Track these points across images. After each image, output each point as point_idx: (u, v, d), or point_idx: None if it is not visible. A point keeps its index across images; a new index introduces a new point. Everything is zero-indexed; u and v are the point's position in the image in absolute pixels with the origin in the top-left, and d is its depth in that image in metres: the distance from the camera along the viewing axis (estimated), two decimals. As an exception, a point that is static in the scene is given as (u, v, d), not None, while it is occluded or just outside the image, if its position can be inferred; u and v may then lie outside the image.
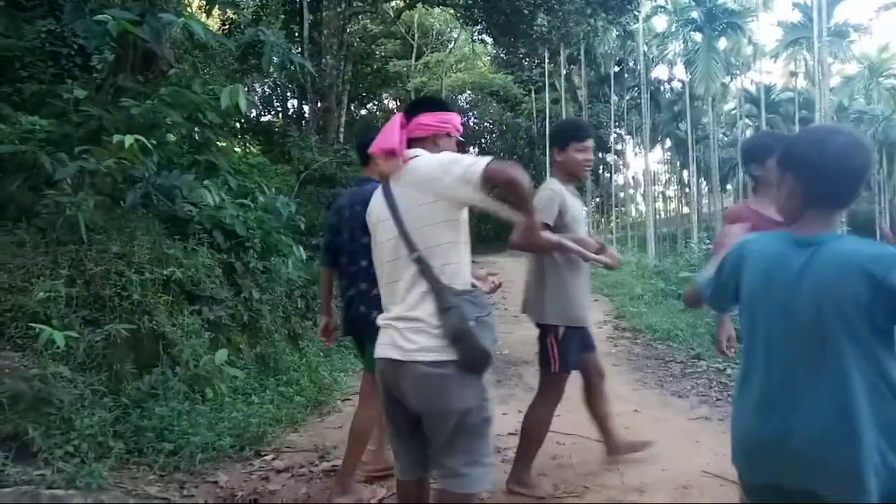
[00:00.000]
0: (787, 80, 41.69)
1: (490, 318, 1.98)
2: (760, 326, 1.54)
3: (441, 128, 2.16)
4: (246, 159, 7.97)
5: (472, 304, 1.94)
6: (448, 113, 2.22)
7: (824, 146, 1.48)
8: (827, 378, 1.42)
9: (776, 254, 1.54)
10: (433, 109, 2.21)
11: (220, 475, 3.40)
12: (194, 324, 4.29)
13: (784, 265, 1.51)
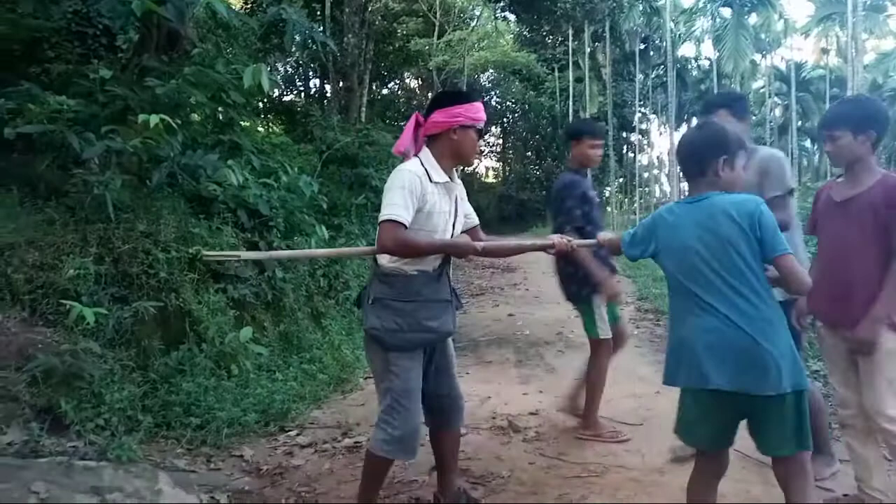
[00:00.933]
0: (818, 56, 40.51)
1: (398, 303, 2.30)
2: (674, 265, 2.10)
3: (451, 122, 2.34)
4: (269, 139, 8.01)
5: (383, 286, 2.33)
6: (459, 106, 2.35)
7: (682, 139, 2.24)
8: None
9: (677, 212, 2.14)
10: (444, 105, 2.38)
11: (245, 449, 3.48)
12: (219, 301, 4.36)
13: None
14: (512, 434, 3.73)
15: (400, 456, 2.40)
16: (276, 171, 5.74)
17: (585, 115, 32.02)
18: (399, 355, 2.34)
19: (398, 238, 2.21)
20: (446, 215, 2.38)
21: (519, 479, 3.10)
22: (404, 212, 2.21)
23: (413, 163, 2.36)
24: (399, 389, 2.33)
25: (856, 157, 2.40)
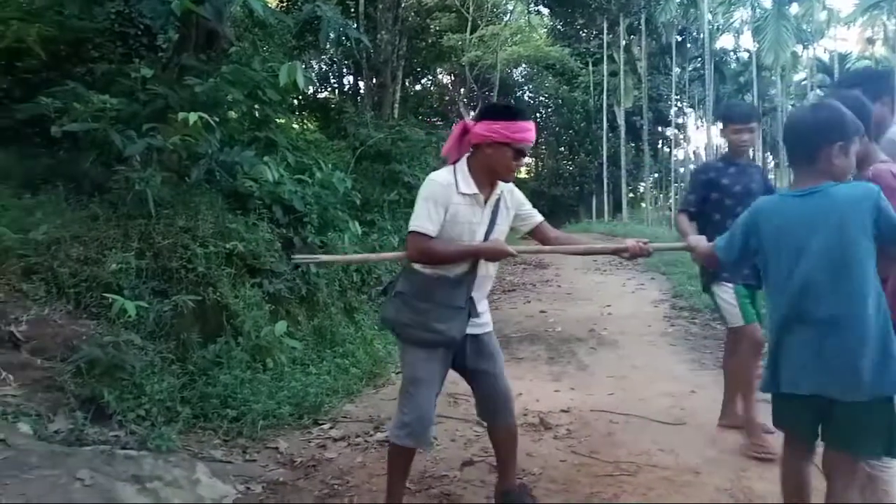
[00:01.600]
0: (863, 47, 39.16)
1: (415, 301, 2.38)
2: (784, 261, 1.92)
3: (488, 137, 2.33)
4: (303, 135, 8.11)
5: (407, 283, 2.45)
6: (500, 122, 2.33)
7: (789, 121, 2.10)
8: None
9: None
10: (487, 118, 2.38)
11: (280, 441, 3.54)
12: (255, 296, 4.44)
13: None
14: (543, 431, 3.72)
15: (408, 442, 2.47)
16: (310, 168, 5.81)
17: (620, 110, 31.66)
18: (410, 347, 2.47)
19: (421, 248, 2.34)
20: (472, 226, 2.41)
21: (550, 476, 3.09)
22: (428, 223, 2.31)
23: (444, 172, 2.43)
24: (408, 377, 2.48)
25: None
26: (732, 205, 3.31)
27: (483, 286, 2.54)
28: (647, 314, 7.54)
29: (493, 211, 2.48)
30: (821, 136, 1.89)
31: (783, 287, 1.92)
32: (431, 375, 2.46)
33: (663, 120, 37.56)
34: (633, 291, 9.40)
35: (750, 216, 2.04)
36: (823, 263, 1.84)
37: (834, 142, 1.87)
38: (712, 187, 3.43)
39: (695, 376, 4.84)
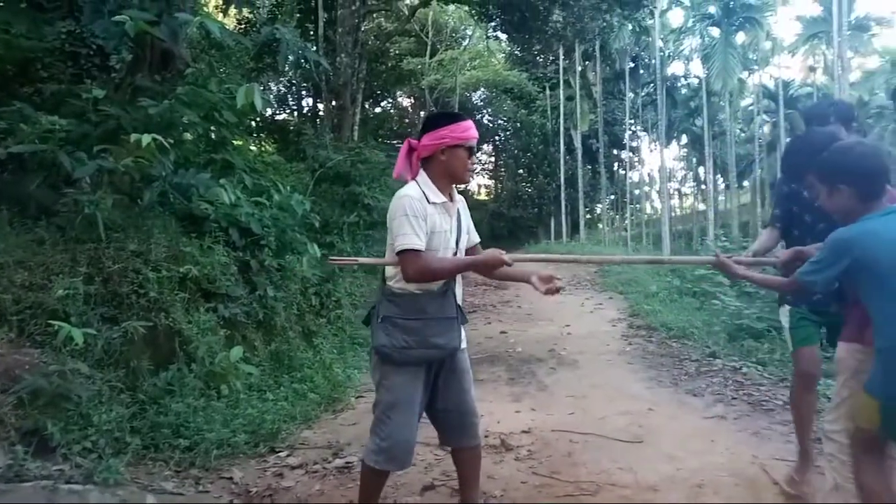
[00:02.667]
0: (805, 74, 41.12)
1: (406, 321, 2.38)
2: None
3: (438, 144, 2.41)
4: (261, 157, 8.02)
5: (391, 306, 2.42)
6: (444, 128, 2.42)
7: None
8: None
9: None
10: (430, 129, 2.44)
11: (234, 471, 3.44)
12: (210, 321, 4.33)
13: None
14: (504, 452, 3.71)
15: (386, 467, 2.46)
16: (268, 190, 5.75)
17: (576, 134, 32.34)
18: (393, 370, 2.43)
19: (419, 268, 2.32)
20: (447, 234, 2.45)
21: (511, 498, 3.08)
22: (416, 238, 2.31)
23: (410, 187, 2.44)
24: (388, 402, 2.44)
25: None
26: (803, 213, 3.02)
27: (459, 295, 2.58)
28: (605, 333, 7.64)
29: (458, 219, 2.54)
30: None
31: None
32: (412, 398, 2.45)
33: (618, 143, 38.51)
34: (591, 311, 9.52)
35: (845, 243, 2.08)
36: None
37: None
38: (792, 199, 3.10)
39: (652, 394, 4.91)
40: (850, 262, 2.07)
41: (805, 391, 3.04)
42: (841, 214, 2.17)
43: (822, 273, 2.14)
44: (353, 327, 6.78)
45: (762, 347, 5.93)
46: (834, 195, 2.15)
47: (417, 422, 2.50)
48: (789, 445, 3.62)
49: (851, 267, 2.07)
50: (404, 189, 2.44)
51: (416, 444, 2.52)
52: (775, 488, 3.06)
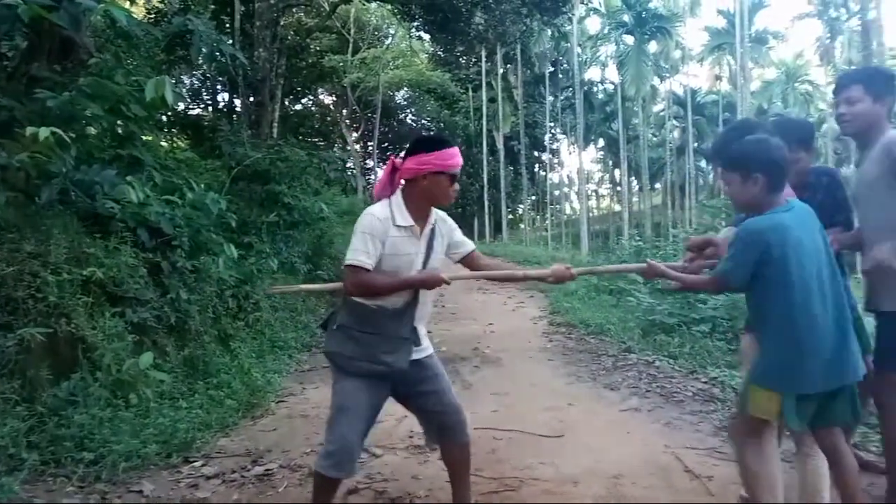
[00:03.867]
0: (711, 83, 43.58)
1: (360, 333, 2.39)
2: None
3: (420, 170, 2.41)
4: (173, 154, 7.65)
5: (348, 315, 2.44)
6: (429, 154, 2.41)
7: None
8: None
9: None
10: (416, 152, 2.43)
11: (145, 484, 3.26)
12: (117, 326, 4.09)
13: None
14: (429, 453, 3.70)
15: (331, 472, 2.42)
16: (180, 188, 5.49)
17: (499, 135, 32.88)
18: (344, 375, 2.45)
19: (357, 281, 2.36)
20: (411, 257, 2.45)
21: (436, 498, 3.07)
22: (364, 256, 2.34)
23: (380, 206, 2.45)
24: (336, 406, 2.45)
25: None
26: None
27: (424, 315, 2.58)
28: (527, 331, 7.79)
29: (429, 241, 2.53)
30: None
31: (812, 285, 2.09)
32: (361, 404, 2.43)
33: (539, 145, 39.49)
34: (513, 310, 9.69)
35: (758, 234, 2.13)
36: (826, 260, 2.14)
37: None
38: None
39: (572, 389, 5.04)
40: (760, 253, 2.11)
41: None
42: (749, 205, 2.22)
43: (737, 266, 2.18)
44: (273, 330, 6.59)
45: (673, 342, 6.22)
46: (748, 184, 2.18)
47: (366, 430, 2.48)
48: (698, 434, 3.81)
49: (761, 257, 2.12)
50: (373, 207, 2.46)
51: (361, 451, 2.50)
52: (687, 475, 3.20)
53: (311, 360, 6.54)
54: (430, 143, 2.49)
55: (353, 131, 29.06)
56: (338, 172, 11.97)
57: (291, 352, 6.52)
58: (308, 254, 9.50)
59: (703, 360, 5.57)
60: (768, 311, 2.18)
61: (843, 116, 2.64)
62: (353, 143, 28.26)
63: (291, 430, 4.22)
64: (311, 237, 9.84)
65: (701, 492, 2.98)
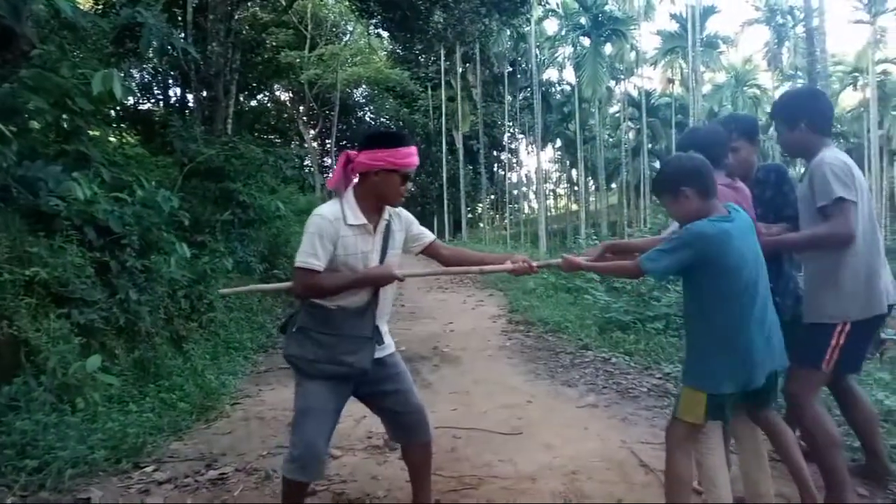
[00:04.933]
0: (665, 86, 44.60)
1: (320, 334, 2.36)
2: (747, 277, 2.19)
3: (373, 165, 2.35)
4: (122, 150, 7.40)
5: (308, 317, 2.41)
6: (383, 150, 2.35)
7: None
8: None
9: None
10: (369, 147, 2.37)
11: (93, 491, 3.14)
12: (62, 328, 3.95)
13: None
14: (388, 453, 3.68)
15: (298, 476, 2.38)
16: (130, 185, 5.32)
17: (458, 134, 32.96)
18: (307, 379, 2.41)
19: (306, 283, 2.33)
20: (365, 255, 2.41)
21: (395, 497, 3.06)
22: (314, 258, 2.30)
23: (330, 205, 2.40)
24: (300, 408, 2.41)
25: None
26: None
27: (385, 313, 2.54)
28: (486, 329, 7.83)
29: (384, 237, 2.48)
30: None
31: (751, 293, 2.20)
32: (324, 406, 2.39)
33: (498, 145, 39.78)
34: (473, 308, 9.72)
35: (699, 237, 2.18)
36: (761, 267, 2.25)
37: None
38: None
39: (530, 387, 5.08)
40: (696, 256, 2.18)
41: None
42: (689, 217, 2.28)
43: (667, 261, 2.23)
44: (228, 331, 6.45)
45: (629, 338, 6.34)
46: (681, 199, 2.27)
47: (330, 432, 2.44)
48: (653, 429, 3.89)
49: (696, 260, 2.19)
50: (323, 207, 2.40)
51: (325, 455, 2.45)
52: (642, 469, 3.26)
53: (267, 361, 6.42)
54: (386, 138, 2.42)
55: (311, 129, 28.71)
56: (295, 170, 11.81)
57: (247, 353, 6.39)
58: (264, 253, 9.34)
59: (657, 357, 5.69)
60: (703, 314, 2.26)
61: (783, 146, 2.86)
62: (310, 140, 27.92)
63: (247, 432, 4.13)
64: (268, 236, 9.67)
65: (656, 485, 3.03)
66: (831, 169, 2.54)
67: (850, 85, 40.37)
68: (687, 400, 2.27)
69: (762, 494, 2.46)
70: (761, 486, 2.46)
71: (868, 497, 2.78)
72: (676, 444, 2.31)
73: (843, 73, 39.87)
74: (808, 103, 2.80)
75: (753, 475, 2.50)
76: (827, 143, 2.72)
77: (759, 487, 2.46)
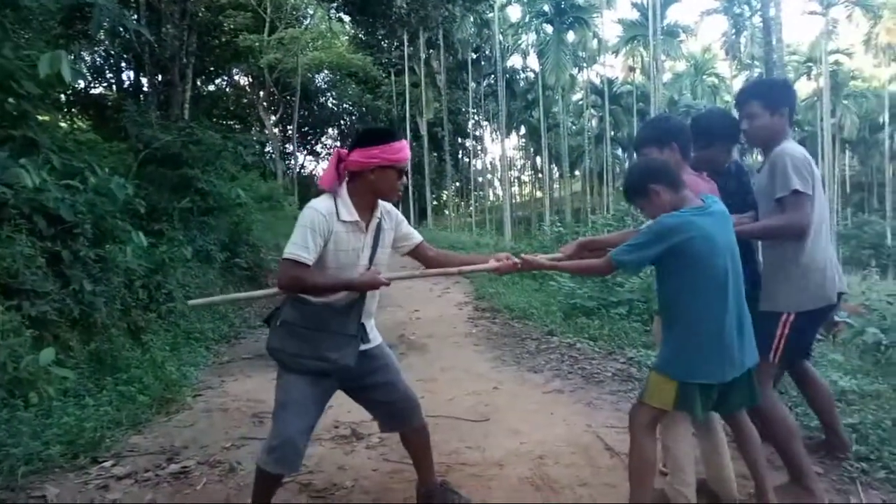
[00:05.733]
0: (626, 74, 45.09)
1: (304, 330, 2.34)
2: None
3: (367, 163, 2.34)
4: (73, 135, 7.13)
5: (293, 312, 2.38)
6: (376, 147, 2.34)
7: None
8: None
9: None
10: (363, 145, 2.36)
11: (48, 488, 3.04)
12: (12, 321, 3.80)
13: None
14: (356, 442, 3.65)
15: (275, 469, 2.36)
16: (82, 172, 5.13)
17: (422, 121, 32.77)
18: (289, 371, 2.40)
19: (293, 276, 2.29)
20: (357, 252, 2.40)
21: (363, 487, 3.03)
22: (304, 251, 2.27)
23: (323, 199, 2.37)
24: (280, 400, 2.39)
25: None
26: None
27: (371, 311, 2.54)
28: (452, 316, 7.83)
29: (375, 235, 2.47)
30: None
31: (724, 283, 2.20)
32: (304, 399, 2.36)
33: (462, 132, 39.71)
34: (439, 295, 9.72)
35: (670, 229, 2.19)
36: (736, 259, 2.24)
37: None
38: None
39: (497, 373, 5.10)
40: (668, 248, 2.21)
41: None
42: (665, 212, 2.28)
43: (638, 254, 2.25)
44: (188, 321, 6.31)
45: (593, 324, 6.42)
46: (652, 197, 2.30)
47: (310, 427, 2.41)
48: (618, 413, 3.94)
49: (668, 252, 2.22)
50: (316, 201, 2.38)
51: (305, 448, 2.40)
52: (608, 453, 3.30)
53: (230, 351, 6.30)
54: (377, 135, 2.42)
55: (272, 114, 28.14)
56: (255, 157, 11.58)
57: (209, 343, 6.26)
58: (225, 241, 9.14)
59: (621, 342, 5.77)
60: (678, 304, 2.28)
61: (747, 132, 2.85)
62: (271, 126, 27.36)
63: (210, 424, 4.05)
64: (228, 224, 9.46)
65: (621, 468, 3.07)
66: (792, 161, 2.58)
67: (804, 74, 41.52)
68: (657, 385, 2.29)
69: (724, 478, 2.51)
70: (723, 469, 2.52)
71: (823, 474, 2.87)
72: (641, 427, 2.33)
73: (798, 63, 40.95)
74: (789, 92, 2.85)
75: (714, 459, 2.55)
76: (789, 134, 2.78)
77: (722, 471, 2.52)
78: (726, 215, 2.32)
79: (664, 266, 2.29)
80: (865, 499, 2.62)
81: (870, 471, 2.86)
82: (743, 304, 2.28)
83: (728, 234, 2.28)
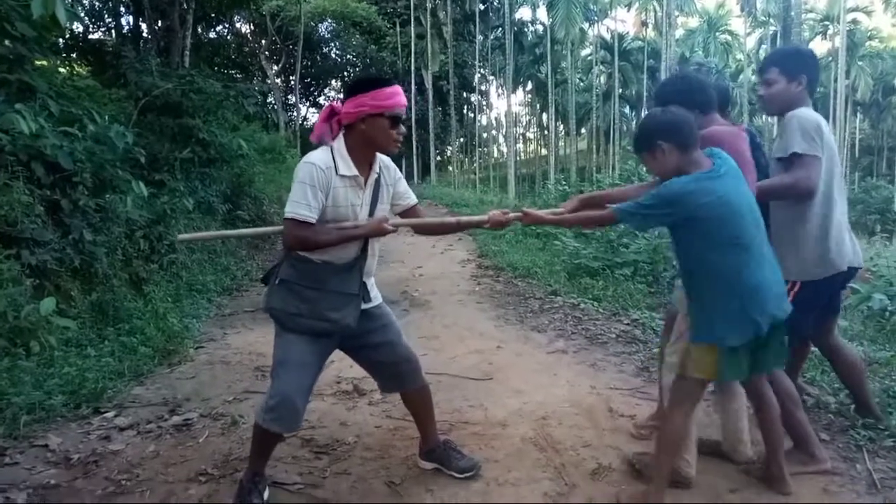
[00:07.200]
0: (638, 29, 44.03)
1: (303, 288, 2.29)
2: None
3: (357, 113, 2.24)
4: (72, 81, 6.96)
5: (292, 270, 2.32)
6: (363, 94, 2.23)
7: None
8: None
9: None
10: (351, 94, 2.27)
11: (50, 437, 3.04)
12: (12, 269, 3.76)
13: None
14: (358, 398, 3.64)
15: (273, 426, 2.33)
16: (80, 119, 5.00)
17: (427, 74, 32.14)
18: (288, 330, 2.35)
19: (299, 236, 2.22)
20: (355, 208, 2.32)
21: (365, 444, 3.02)
22: (306, 209, 2.19)
23: (321, 153, 2.28)
24: (279, 358, 2.35)
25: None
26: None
27: (372, 268, 2.48)
28: (455, 274, 7.79)
29: (374, 190, 2.38)
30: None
31: (747, 238, 2.11)
32: (303, 358, 2.31)
33: (468, 86, 38.97)
34: (442, 252, 9.67)
35: (680, 196, 2.09)
36: (754, 210, 2.16)
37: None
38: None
39: (500, 332, 5.08)
40: (678, 215, 2.13)
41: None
42: (668, 173, 2.19)
43: (643, 216, 2.18)
44: (191, 273, 6.28)
45: (597, 285, 6.37)
46: (658, 154, 2.18)
47: (309, 386, 2.37)
48: (622, 375, 3.93)
49: (679, 219, 2.14)
50: (313, 154, 2.27)
51: (305, 406, 2.37)
52: (611, 415, 3.29)
53: (232, 304, 6.29)
54: (365, 83, 2.28)
55: (274, 64, 27.58)
56: (257, 107, 11.37)
57: (211, 295, 6.24)
58: (227, 193, 9.04)
59: (625, 303, 5.74)
60: (705, 271, 2.17)
61: (764, 98, 2.81)
62: (273, 76, 26.85)
63: (212, 377, 4.05)
64: (230, 175, 9.35)
65: (624, 430, 3.06)
66: (800, 122, 2.57)
67: (820, 34, 40.48)
68: (698, 357, 2.20)
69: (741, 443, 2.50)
70: (741, 433, 2.51)
71: (829, 441, 2.85)
72: (680, 400, 2.28)
73: (814, 21, 39.88)
74: (811, 61, 2.81)
75: (731, 425, 2.53)
76: (808, 102, 2.74)
77: (739, 435, 2.51)
78: (738, 172, 2.20)
79: (682, 235, 2.19)
80: (872, 466, 2.61)
81: (877, 438, 2.84)
82: (771, 256, 2.20)
83: (742, 191, 2.18)
